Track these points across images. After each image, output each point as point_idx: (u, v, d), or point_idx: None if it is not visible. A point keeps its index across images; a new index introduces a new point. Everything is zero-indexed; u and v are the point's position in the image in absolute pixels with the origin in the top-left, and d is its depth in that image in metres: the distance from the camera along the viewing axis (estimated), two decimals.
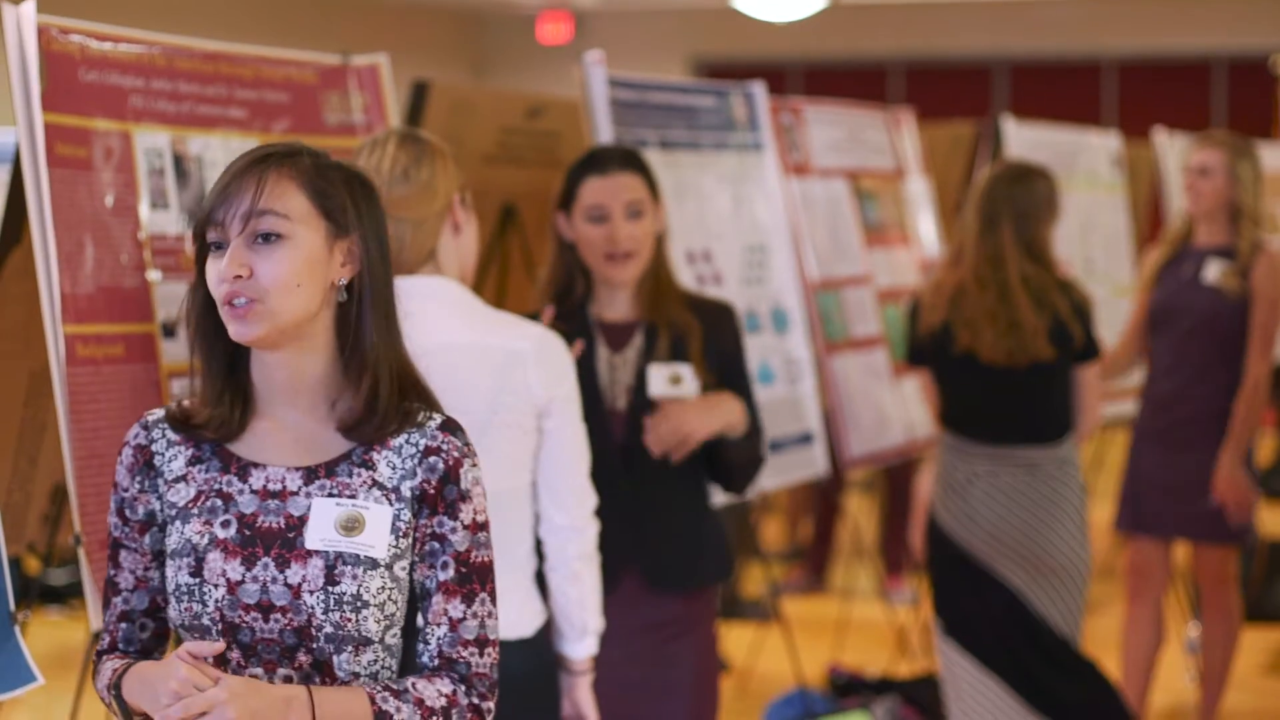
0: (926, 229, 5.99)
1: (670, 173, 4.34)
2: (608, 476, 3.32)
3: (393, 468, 2.20)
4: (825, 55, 14.97)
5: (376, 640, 2.16)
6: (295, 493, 2.18)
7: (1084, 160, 6.69)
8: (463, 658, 2.19)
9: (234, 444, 2.22)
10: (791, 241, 4.86)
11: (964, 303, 4.63)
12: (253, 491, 2.18)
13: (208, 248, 2.18)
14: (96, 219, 2.99)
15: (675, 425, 3.46)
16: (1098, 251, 6.61)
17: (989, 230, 4.63)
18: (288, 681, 2.15)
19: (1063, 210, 4.83)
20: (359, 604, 2.13)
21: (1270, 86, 13.48)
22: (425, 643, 2.19)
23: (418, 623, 2.21)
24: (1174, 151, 6.82)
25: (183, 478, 2.21)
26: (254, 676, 2.14)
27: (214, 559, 2.15)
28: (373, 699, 2.12)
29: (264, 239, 2.14)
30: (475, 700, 2.19)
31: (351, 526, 2.15)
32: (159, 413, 2.26)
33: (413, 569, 2.21)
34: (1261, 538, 6.91)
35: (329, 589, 2.12)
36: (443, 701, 2.16)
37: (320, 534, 2.15)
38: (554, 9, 14.93)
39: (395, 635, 2.20)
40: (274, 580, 2.13)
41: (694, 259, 4.46)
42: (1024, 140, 6.24)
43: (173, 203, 3.14)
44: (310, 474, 2.19)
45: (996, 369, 4.61)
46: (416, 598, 2.21)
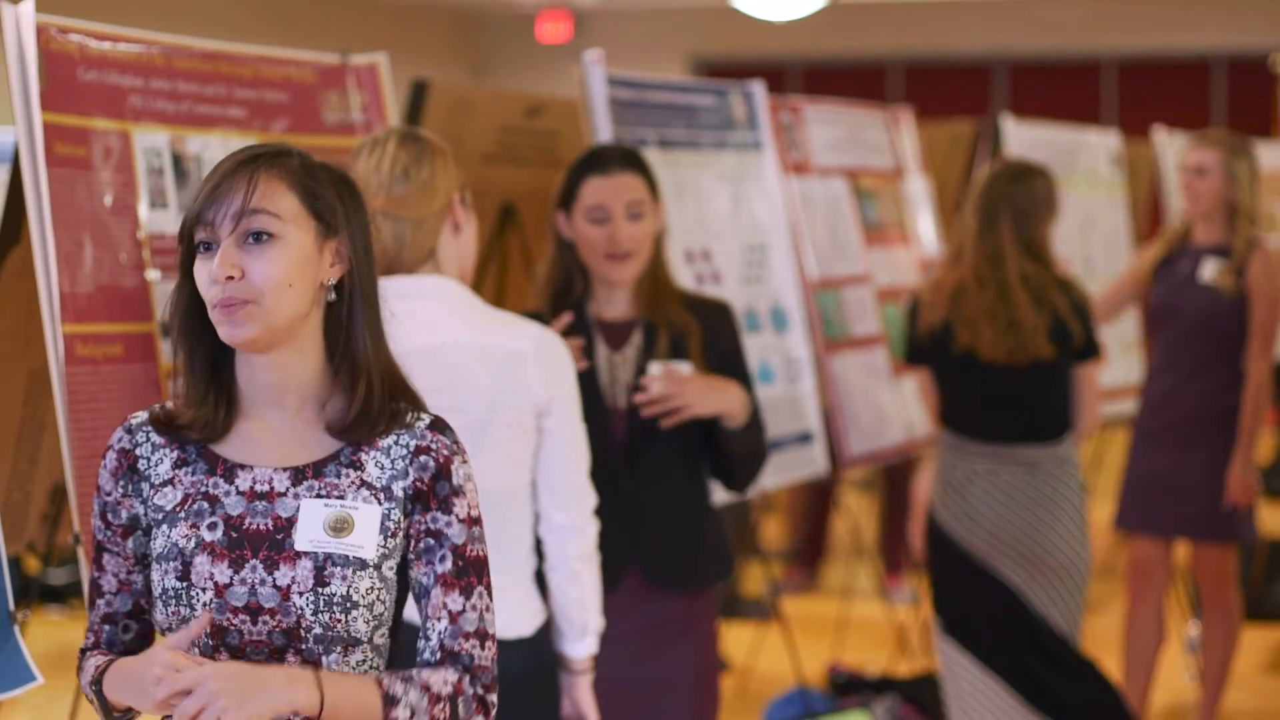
0: (926, 228, 5.99)
1: (669, 172, 4.33)
2: (608, 476, 3.31)
3: (381, 468, 2.19)
4: (824, 54, 14.97)
5: (365, 640, 2.16)
6: (283, 494, 2.17)
7: (1083, 159, 6.69)
8: (465, 649, 2.18)
9: (219, 445, 2.20)
10: (791, 240, 4.86)
11: (964, 301, 4.63)
12: (239, 493, 2.17)
13: (194, 249, 2.16)
14: (95, 218, 2.99)
15: (674, 391, 3.45)
16: (1097, 250, 6.61)
17: (988, 229, 4.63)
18: None
19: (1062, 209, 4.83)
20: (348, 605, 2.12)
21: (1270, 85, 13.48)
22: (426, 638, 2.19)
23: (420, 617, 2.20)
24: (1173, 150, 6.82)
25: (169, 481, 2.19)
26: None
27: (201, 562, 2.13)
28: (380, 682, 2.12)
29: (255, 239, 2.13)
30: (480, 691, 2.19)
31: (340, 527, 2.15)
32: (142, 415, 2.24)
33: (406, 568, 2.20)
34: (1262, 537, 6.91)
35: (318, 590, 2.12)
36: (449, 689, 2.15)
37: (309, 535, 2.14)
38: (553, 8, 14.92)
39: (384, 635, 2.19)
40: (262, 582, 2.12)
41: (693, 258, 4.46)
42: (1023, 139, 6.24)
43: (172, 202, 3.14)
44: (298, 475, 2.18)
45: (996, 367, 4.61)
46: (415, 596, 2.20)
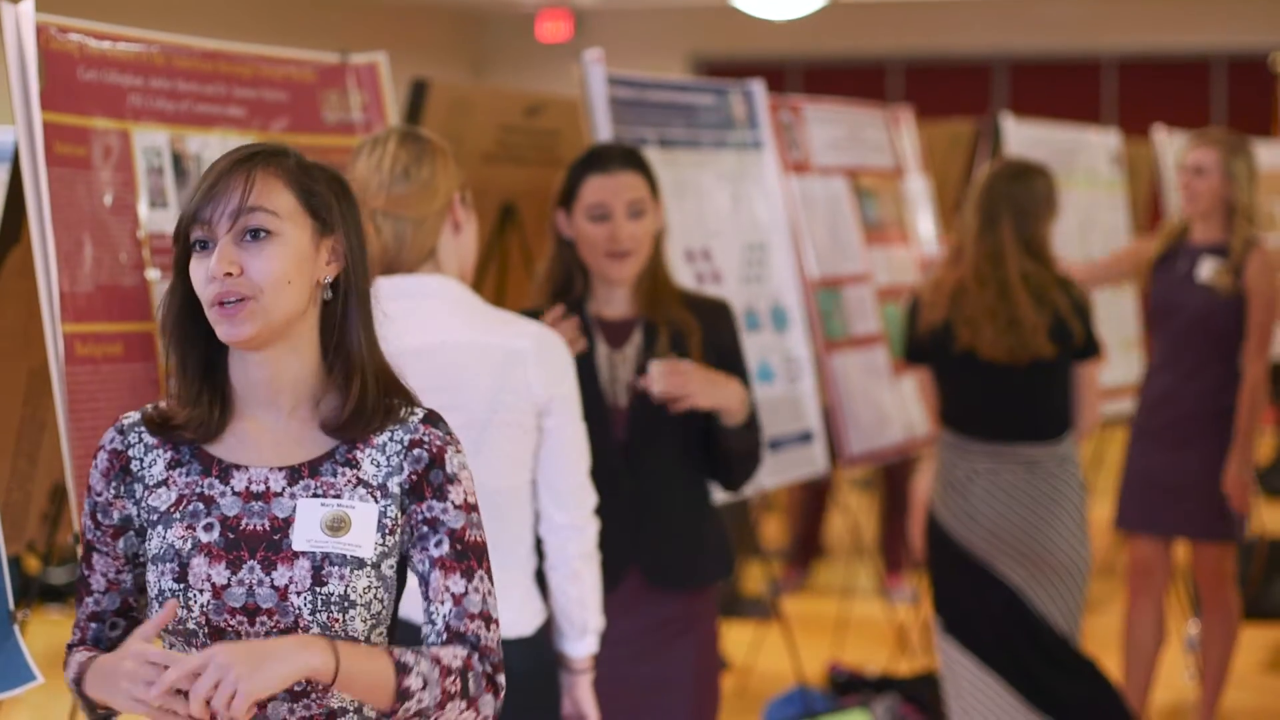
0: (926, 227, 5.99)
1: (669, 171, 4.33)
2: (609, 475, 3.31)
3: (377, 465, 2.19)
4: (824, 53, 14.97)
5: (363, 639, 2.15)
6: (279, 494, 2.16)
7: (1083, 158, 6.69)
8: (471, 630, 2.18)
9: (213, 446, 2.20)
10: (791, 240, 4.85)
11: (964, 300, 4.63)
12: (235, 493, 2.17)
13: (190, 248, 2.16)
14: (95, 218, 2.99)
15: (677, 382, 3.44)
16: (1097, 249, 6.60)
17: (989, 228, 4.63)
18: None
19: (1062, 208, 4.83)
20: (346, 604, 2.12)
21: (1270, 84, 13.47)
22: (432, 622, 2.18)
23: (423, 603, 2.19)
24: (1173, 150, 6.82)
25: (163, 482, 2.19)
26: None
27: (198, 564, 2.13)
28: (390, 652, 2.11)
29: (253, 236, 2.13)
30: (489, 670, 2.18)
31: (337, 527, 2.15)
32: (134, 416, 2.23)
33: (405, 563, 2.20)
34: (1262, 536, 6.91)
35: (316, 590, 2.12)
36: (459, 663, 2.15)
37: (306, 535, 2.14)
38: (553, 7, 14.92)
39: (381, 634, 2.19)
40: (260, 583, 2.12)
41: (693, 257, 4.46)
42: (1023, 138, 6.23)
43: (171, 201, 3.14)
44: (294, 474, 2.17)
45: (997, 366, 4.61)
46: (420, 583, 2.20)
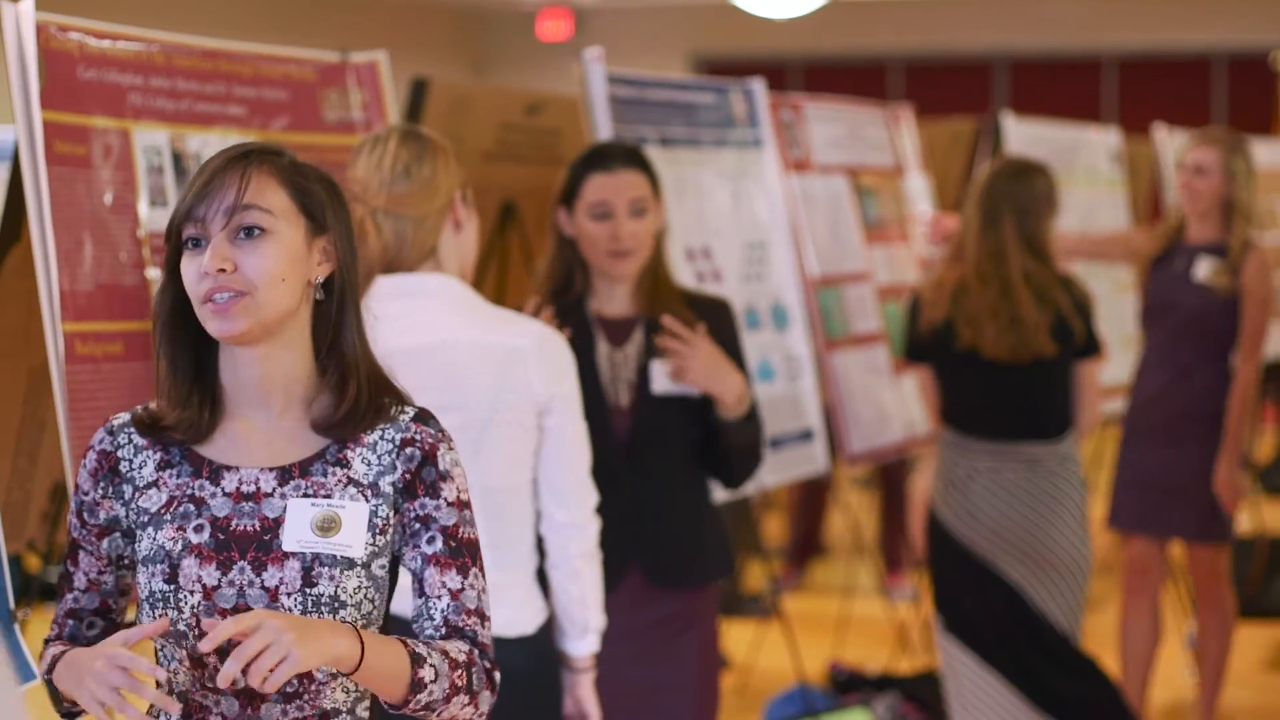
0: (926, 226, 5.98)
1: (670, 170, 4.33)
2: (610, 474, 3.31)
3: (369, 464, 2.19)
4: (825, 52, 14.97)
5: None
6: (269, 494, 2.16)
7: (1083, 157, 6.68)
8: (469, 625, 2.18)
9: (203, 447, 2.19)
10: (791, 238, 4.85)
11: (966, 299, 4.63)
12: (225, 494, 2.16)
13: (181, 246, 2.15)
14: (95, 217, 2.99)
15: (685, 347, 3.44)
16: None
17: (990, 226, 4.63)
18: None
19: (1062, 206, 4.83)
20: (336, 604, 2.12)
21: (1270, 83, 13.46)
22: (429, 616, 2.18)
23: (415, 600, 2.19)
24: (1174, 148, 6.81)
25: (153, 483, 2.19)
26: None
27: (189, 565, 2.13)
28: (404, 642, 2.11)
29: (247, 233, 2.13)
30: (488, 665, 2.19)
31: (328, 527, 2.14)
32: (124, 416, 2.23)
33: (396, 562, 2.20)
34: (1262, 535, 6.91)
35: (306, 590, 2.11)
36: (464, 657, 2.15)
37: (297, 535, 2.13)
38: (554, 6, 14.93)
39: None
40: (250, 584, 2.12)
41: (693, 256, 4.46)
42: (1023, 137, 6.23)
43: (172, 200, 3.13)
44: (284, 474, 2.17)
45: (999, 365, 4.61)
46: (413, 580, 2.20)
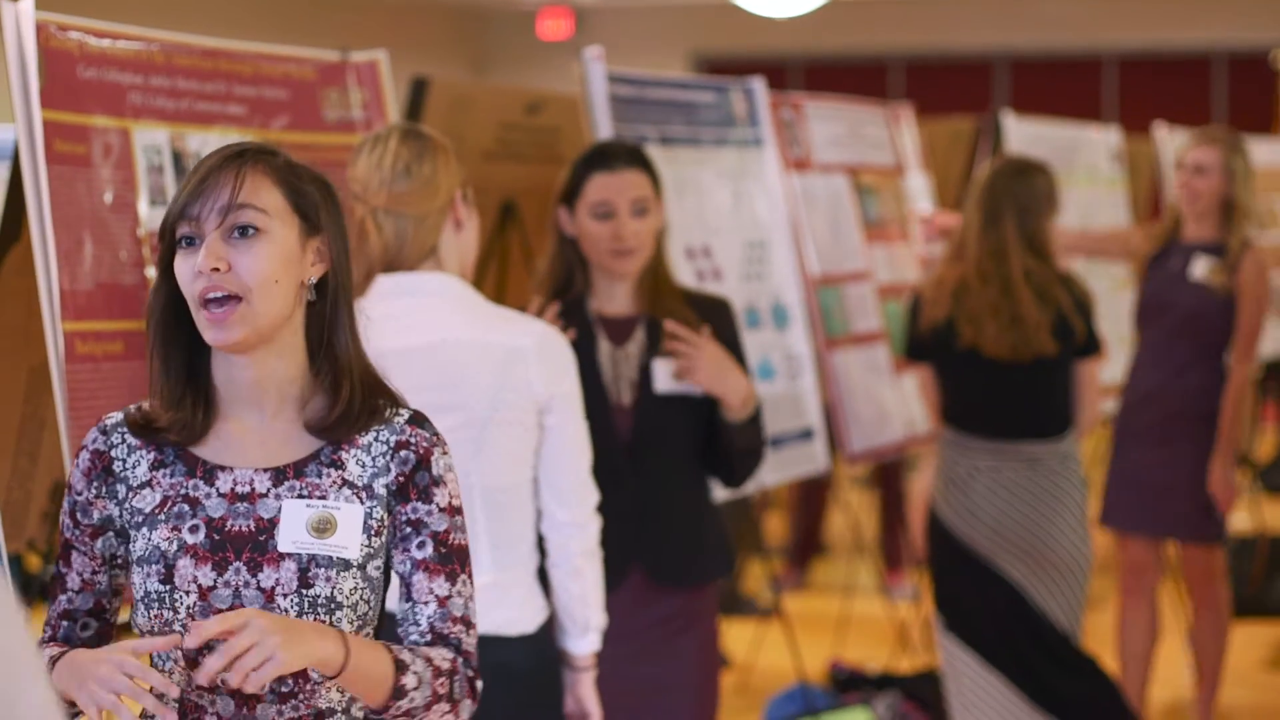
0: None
1: (670, 169, 4.33)
2: (611, 473, 3.31)
3: (363, 466, 2.19)
4: (825, 50, 14.97)
5: None
6: (264, 495, 2.15)
7: (1084, 155, 6.68)
8: (454, 633, 2.18)
9: (197, 447, 2.19)
10: (792, 237, 4.85)
11: (966, 298, 4.63)
12: (220, 495, 2.15)
13: (175, 246, 2.14)
14: (95, 216, 2.99)
15: (691, 349, 3.45)
16: None
17: (991, 225, 4.63)
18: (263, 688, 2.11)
19: (1062, 205, 4.83)
20: (332, 606, 2.12)
21: (1271, 82, 13.46)
22: (415, 622, 2.18)
23: (402, 604, 2.20)
24: (1174, 147, 6.81)
25: (147, 483, 2.18)
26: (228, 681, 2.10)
27: (184, 565, 2.12)
28: (389, 648, 2.11)
29: (241, 233, 2.12)
30: (470, 674, 2.19)
31: (323, 528, 2.14)
32: (117, 416, 2.22)
33: (389, 564, 2.20)
34: (1262, 534, 6.91)
35: (303, 592, 2.11)
36: (447, 665, 2.15)
37: (292, 536, 2.13)
38: (554, 5, 14.92)
39: (368, 635, 2.19)
40: (246, 585, 2.11)
41: (694, 255, 4.46)
42: (1024, 135, 6.23)
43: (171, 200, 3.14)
44: (279, 475, 2.17)
45: (1000, 364, 4.61)
46: (401, 584, 2.20)
